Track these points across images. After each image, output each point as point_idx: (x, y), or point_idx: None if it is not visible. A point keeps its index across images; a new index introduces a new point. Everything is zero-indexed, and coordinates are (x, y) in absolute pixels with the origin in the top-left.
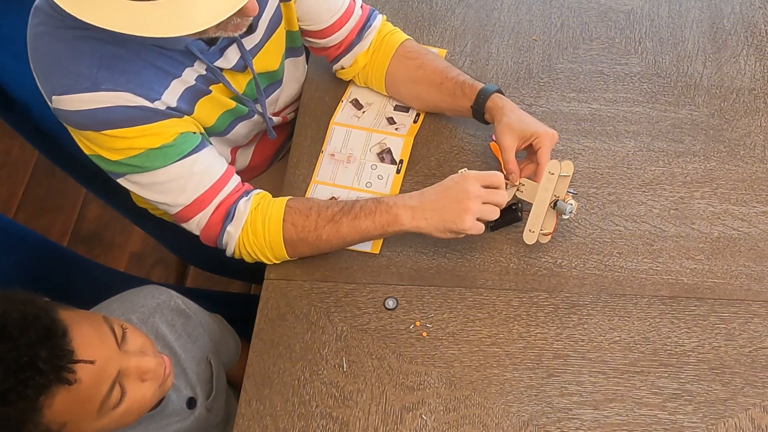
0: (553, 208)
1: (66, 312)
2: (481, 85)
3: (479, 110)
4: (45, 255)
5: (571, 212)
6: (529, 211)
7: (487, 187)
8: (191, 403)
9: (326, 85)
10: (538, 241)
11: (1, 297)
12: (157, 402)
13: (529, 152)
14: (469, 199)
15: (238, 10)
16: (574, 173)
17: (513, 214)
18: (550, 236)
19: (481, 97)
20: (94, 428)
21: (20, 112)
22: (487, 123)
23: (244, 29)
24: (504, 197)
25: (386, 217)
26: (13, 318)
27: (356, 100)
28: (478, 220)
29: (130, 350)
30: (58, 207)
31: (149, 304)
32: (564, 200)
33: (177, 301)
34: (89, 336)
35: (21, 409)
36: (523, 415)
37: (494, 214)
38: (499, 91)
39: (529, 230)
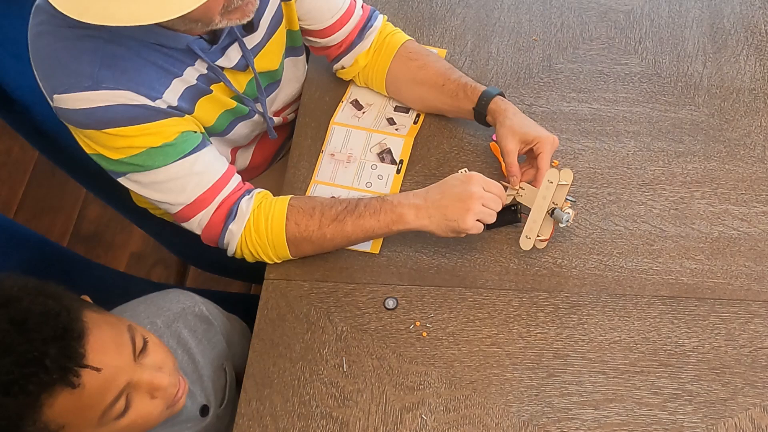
0: (551, 216)
1: (92, 314)
2: (483, 88)
3: (481, 113)
4: (45, 255)
5: (567, 221)
6: (528, 215)
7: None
8: (204, 410)
9: (326, 85)
10: (534, 246)
11: (31, 289)
12: None
13: (529, 156)
14: (472, 199)
15: None
16: (574, 177)
17: (512, 215)
18: (546, 242)
19: (483, 100)
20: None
21: (20, 112)
22: (488, 125)
23: (250, 16)
24: (499, 205)
25: (391, 216)
26: (35, 312)
27: (356, 101)
28: (477, 221)
29: (146, 363)
30: (58, 207)
31: (174, 309)
32: (561, 209)
33: (201, 308)
34: (106, 342)
35: (21, 404)
36: (523, 415)
37: (491, 218)
38: (501, 94)
39: (526, 236)
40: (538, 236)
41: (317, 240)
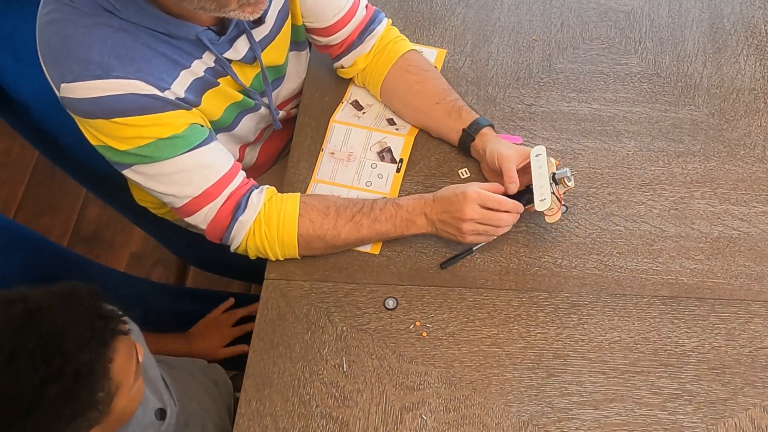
0: (554, 182)
1: None
2: (477, 115)
3: (471, 134)
4: (45, 255)
5: (570, 175)
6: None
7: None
8: (161, 414)
9: (327, 85)
10: (548, 223)
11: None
12: None
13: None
14: (464, 220)
15: None
16: (573, 173)
17: (531, 194)
18: (560, 211)
19: (478, 124)
20: (123, 406)
21: (20, 112)
22: (467, 151)
23: (259, 14)
24: (503, 219)
25: (406, 224)
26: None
27: (356, 102)
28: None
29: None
30: (58, 207)
31: None
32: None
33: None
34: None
35: (97, 355)
36: (523, 415)
37: (486, 238)
38: (492, 127)
39: (539, 199)
40: (550, 208)
41: (331, 239)
